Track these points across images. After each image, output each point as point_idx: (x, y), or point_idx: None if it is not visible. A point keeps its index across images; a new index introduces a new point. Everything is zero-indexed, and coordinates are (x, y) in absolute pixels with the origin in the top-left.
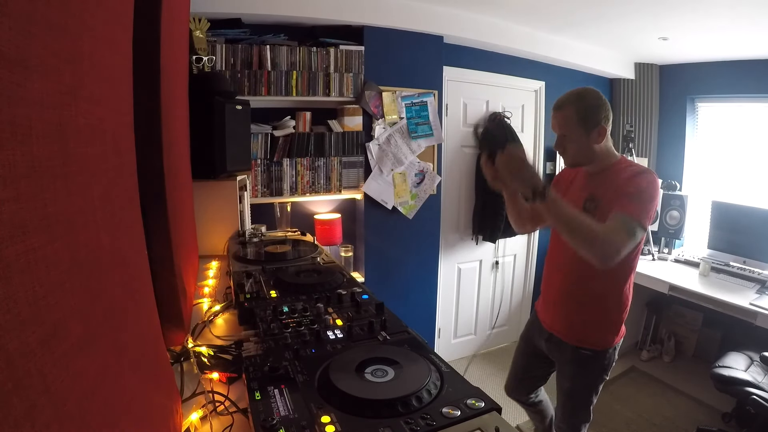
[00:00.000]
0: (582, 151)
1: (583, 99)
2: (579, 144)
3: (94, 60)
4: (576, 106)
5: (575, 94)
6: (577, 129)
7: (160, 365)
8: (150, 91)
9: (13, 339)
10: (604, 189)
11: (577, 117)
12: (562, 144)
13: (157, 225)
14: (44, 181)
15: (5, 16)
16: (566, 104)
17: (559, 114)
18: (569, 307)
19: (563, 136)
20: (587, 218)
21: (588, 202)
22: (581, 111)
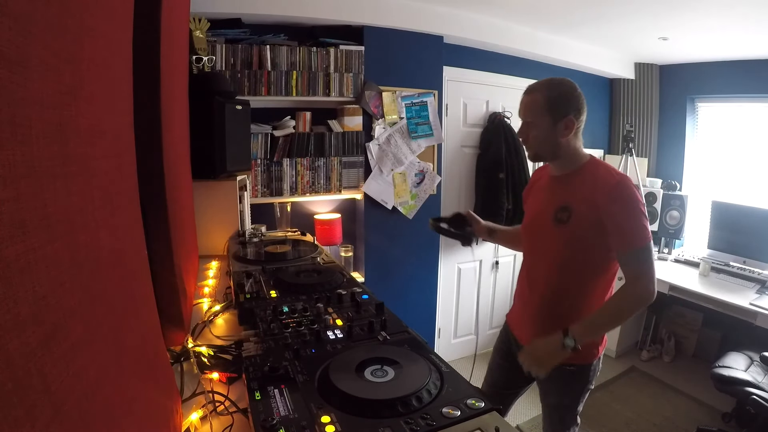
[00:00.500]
0: (545, 142)
1: (555, 87)
2: (543, 133)
3: (94, 60)
4: (546, 92)
5: (548, 81)
6: (543, 116)
7: (160, 365)
8: (150, 91)
9: (13, 339)
10: (577, 198)
11: (544, 103)
12: (526, 131)
13: (157, 225)
14: (44, 181)
15: (5, 16)
16: (536, 90)
17: (527, 98)
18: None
19: (528, 122)
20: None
21: (560, 212)
22: (550, 98)
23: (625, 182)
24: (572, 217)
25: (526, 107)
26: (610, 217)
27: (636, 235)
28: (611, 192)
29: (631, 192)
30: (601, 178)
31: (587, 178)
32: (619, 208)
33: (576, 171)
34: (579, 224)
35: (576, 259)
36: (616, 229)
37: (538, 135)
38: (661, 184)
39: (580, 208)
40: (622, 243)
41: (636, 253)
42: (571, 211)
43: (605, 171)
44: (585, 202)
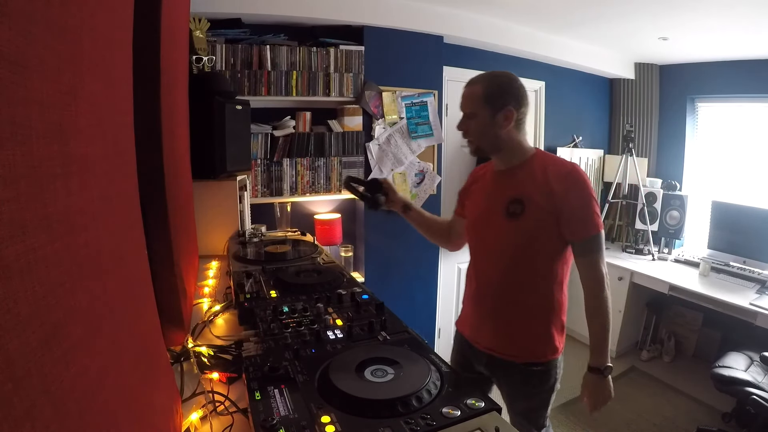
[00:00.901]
0: (485, 134)
1: (494, 79)
2: (483, 126)
3: (94, 60)
4: (484, 84)
5: (488, 74)
6: (482, 108)
7: (160, 365)
8: (150, 91)
9: (13, 339)
10: (530, 189)
11: (483, 94)
12: (466, 123)
13: (157, 225)
14: (44, 181)
15: (5, 16)
16: (476, 82)
17: (466, 90)
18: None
19: (467, 114)
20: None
21: (512, 206)
22: (489, 89)
23: (578, 170)
24: (526, 209)
25: (466, 99)
26: (567, 205)
27: (592, 223)
28: (566, 179)
29: (585, 179)
30: (552, 167)
31: (537, 169)
32: (575, 195)
33: (524, 163)
34: (533, 215)
35: (530, 251)
36: (572, 217)
37: (477, 127)
38: (661, 184)
39: (535, 198)
40: (578, 231)
41: (591, 240)
42: (524, 203)
43: (555, 161)
44: (539, 193)
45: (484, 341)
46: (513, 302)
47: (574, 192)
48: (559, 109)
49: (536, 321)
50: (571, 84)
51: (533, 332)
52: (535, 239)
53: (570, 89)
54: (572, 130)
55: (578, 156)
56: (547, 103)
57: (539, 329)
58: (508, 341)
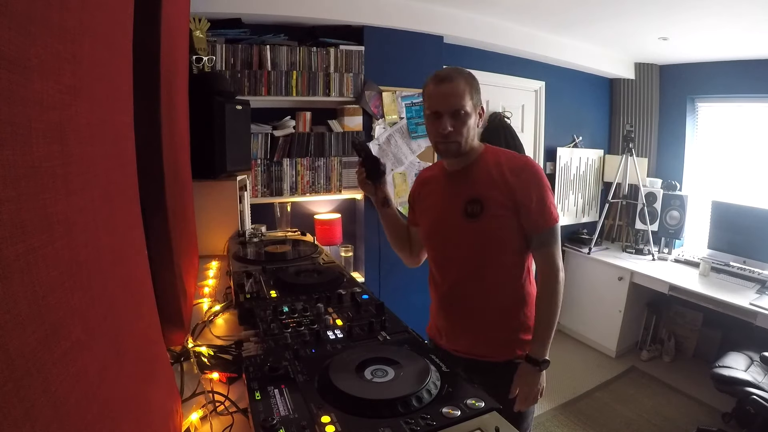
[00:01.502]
0: (471, 133)
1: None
2: (472, 123)
3: (94, 60)
4: (464, 78)
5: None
6: (470, 105)
7: (160, 365)
8: (150, 91)
9: (13, 339)
10: (486, 187)
11: (469, 89)
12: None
13: (157, 225)
14: (44, 181)
15: (5, 16)
16: (455, 75)
17: (451, 86)
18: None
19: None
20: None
21: (470, 206)
22: (471, 84)
23: (532, 162)
24: (485, 208)
25: (455, 95)
26: (525, 198)
27: (549, 215)
28: (522, 172)
29: (540, 172)
30: (506, 162)
31: (491, 165)
32: (532, 188)
33: (476, 161)
34: (493, 213)
35: (494, 249)
36: (531, 210)
37: (468, 125)
38: (661, 184)
39: (492, 194)
40: (537, 223)
41: (549, 232)
42: (482, 202)
43: (507, 154)
44: (496, 188)
45: (463, 348)
46: (485, 303)
47: (532, 185)
48: (559, 109)
49: (511, 316)
50: (571, 84)
51: (510, 328)
52: (497, 237)
53: (570, 89)
54: (572, 130)
55: (578, 156)
56: (547, 103)
57: (515, 323)
58: (487, 343)
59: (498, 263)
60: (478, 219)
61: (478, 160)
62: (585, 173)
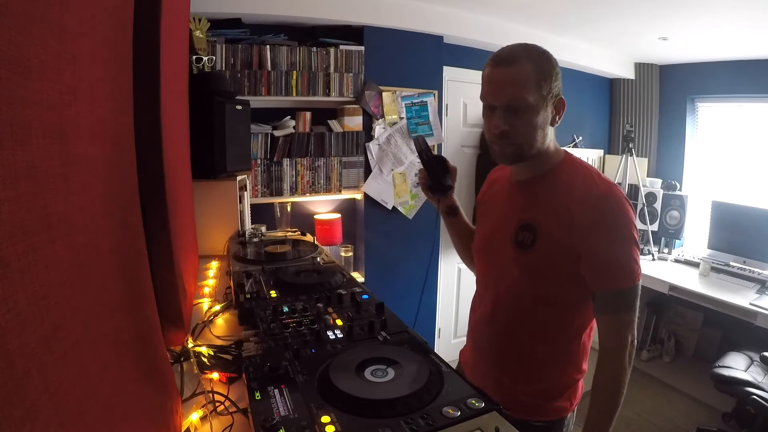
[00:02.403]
0: (537, 133)
1: (541, 55)
2: (537, 120)
3: (94, 60)
4: (537, 62)
5: (525, 47)
6: (538, 96)
7: (160, 365)
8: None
9: (13, 339)
10: (545, 214)
11: (537, 78)
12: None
13: (157, 225)
14: (44, 181)
15: (5, 16)
16: (519, 56)
17: (507, 71)
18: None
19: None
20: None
21: (522, 233)
22: (542, 70)
23: (614, 194)
24: (538, 240)
25: (514, 83)
26: (590, 243)
27: (623, 271)
28: (594, 208)
29: (622, 209)
30: (580, 183)
31: (561, 184)
32: (603, 231)
33: (546, 173)
34: (547, 249)
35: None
36: (596, 261)
37: (530, 123)
38: (661, 184)
39: (550, 226)
40: (602, 279)
41: (619, 294)
42: (536, 232)
43: (587, 175)
44: (556, 217)
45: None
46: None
47: (603, 226)
48: None
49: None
50: (571, 84)
51: (533, 388)
52: (548, 280)
53: (570, 89)
54: (572, 130)
55: (578, 156)
56: None
57: (541, 385)
58: (500, 389)
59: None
60: (529, 251)
61: (550, 173)
62: None
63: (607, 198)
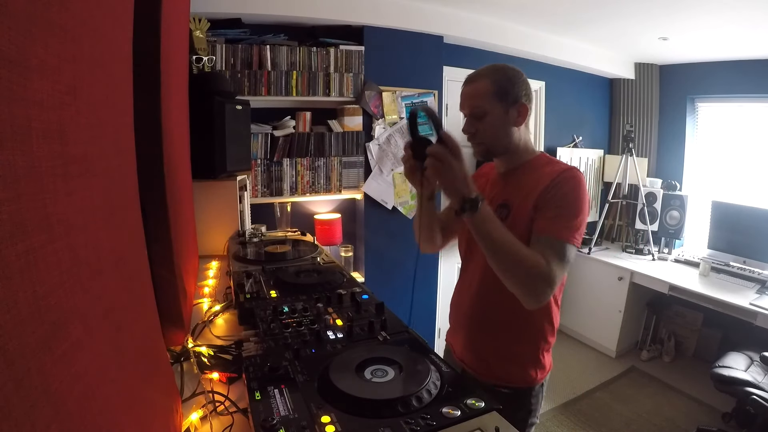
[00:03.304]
0: (498, 133)
1: (502, 71)
2: (495, 123)
3: (94, 60)
4: (493, 77)
5: (490, 67)
6: (494, 105)
7: (160, 365)
8: (150, 91)
9: (13, 339)
10: (517, 192)
11: (494, 89)
12: (474, 124)
13: (157, 225)
14: (44, 181)
15: (5, 16)
16: (480, 76)
17: (470, 87)
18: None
19: (476, 114)
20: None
21: (498, 211)
22: (499, 83)
23: (574, 172)
24: (510, 214)
25: (473, 96)
26: (544, 200)
27: (562, 226)
28: (556, 178)
29: (579, 183)
30: (548, 169)
31: (532, 171)
32: (556, 193)
33: (522, 165)
34: (517, 223)
35: None
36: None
37: (490, 127)
38: (661, 184)
39: (519, 204)
40: (543, 227)
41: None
42: (510, 208)
43: (554, 163)
44: (524, 197)
45: (458, 350)
46: (485, 317)
47: (557, 190)
48: (559, 109)
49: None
50: (571, 84)
51: (503, 353)
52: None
53: (570, 89)
54: (572, 130)
55: (578, 156)
56: (547, 103)
57: (511, 350)
58: (475, 356)
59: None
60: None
61: (526, 164)
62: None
63: (568, 173)
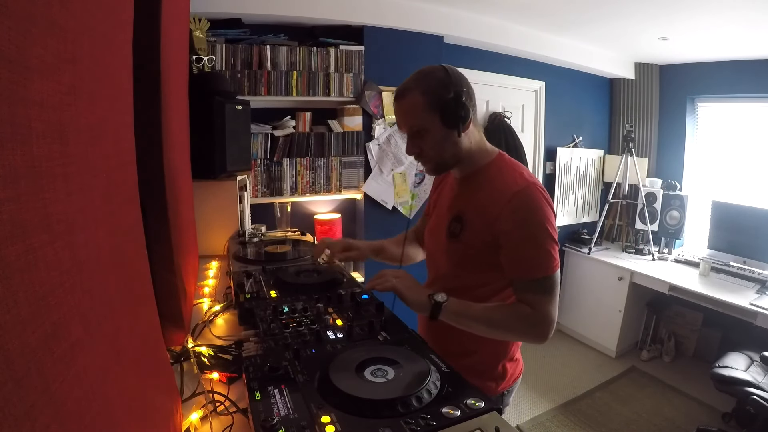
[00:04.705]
0: (444, 148)
1: (429, 76)
2: (437, 138)
3: (94, 60)
4: (422, 87)
5: (417, 75)
6: (431, 117)
7: (160, 365)
8: (150, 91)
9: (13, 339)
10: (470, 205)
11: (426, 100)
12: (417, 144)
13: (157, 225)
14: (44, 181)
15: (5, 16)
16: (408, 90)
17: (401, 104)
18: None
19: (414, 133)
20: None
21: (453, 224)
22: (430, 91)
23: (529, 191)
24: (464, 231)
25: (406, 114)
26: (504, 235)
27: (536, 263)
28: (510, 202)
29: (536, 205)
30: (501, 182)
31: (486, 182)
32: (517, 224)
33: (478, 171)
34: (471, 240)
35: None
36: (514, 255)
37: (432, 143)
38: (661, 184)
39: (473, 220)
40: (520, 270)
41: (534, 283)
42: (463, 224)
43: (509, 174)
44: (479, 213)
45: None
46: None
47: (518, 221)
48: (559, 109)
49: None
50: (571, 84)
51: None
52: (476, 267)
53: (570, 89)
54: (572, 130)
55: (578, 156)
56: (547, 103)
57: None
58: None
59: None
60: (458, 241)
61: (481, 171)
62: (585, 173)
63: (523, 194)
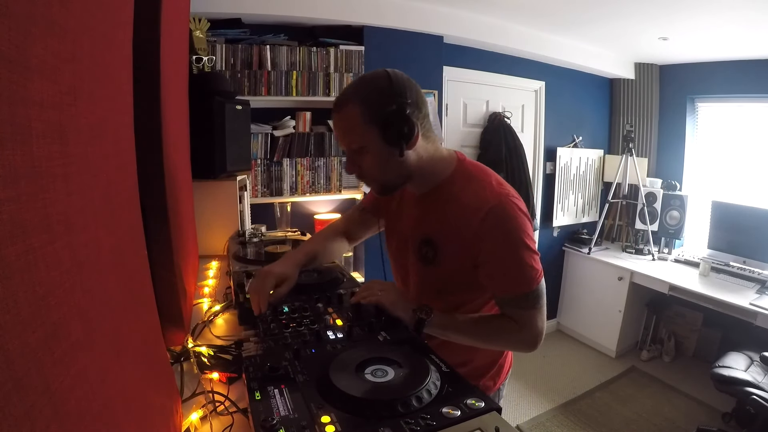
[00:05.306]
0: (387, 167)
1: (369, 85)
2: (379, 156)
3: (94, 60)
4: (360, 96)
5: (357, 82)
6: (370, 132)
7: (160, 365)
8: (150, 91)
9: (13, 339)
10: (440, 226)
11: (363, 112)
12: (356, 162)
13: (157, 225)
14: (44, 181)
15: (5, 16)
16: (345, 101)
17: (336, 117)
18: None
19: (353, 150)
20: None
21: (424, 248)
22: (369, 101)
23: (501, 207)
24: (439, 255)
25: (343, 129)
26: (483, 254)
27: (519, 280)
28: (485, 221)
29: (512, 220)
30: (470, 198)
31: (453, 199)
32: (495, 242)
33: (439, 187)
34: (449, 263)
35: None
36: (490, 271)
37: (373, 162)
38: (661, 184)
39: (446, 243)
40: (500, 288)
41: (519, 299)
42: (436, 247)
43: (477, 186)
44: (451, 236)
45: None
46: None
47: (495, 238)
48: (559, 109)
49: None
50: (571, 84)
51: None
52: (458, 289)
53: (570, 89)
54: (572, 130)
55: (578, 156)
56: (547, 103)
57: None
58: None
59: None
60: (434, 265)
61: (442, 186)
62: (585, 173)
63: (497, 209)
